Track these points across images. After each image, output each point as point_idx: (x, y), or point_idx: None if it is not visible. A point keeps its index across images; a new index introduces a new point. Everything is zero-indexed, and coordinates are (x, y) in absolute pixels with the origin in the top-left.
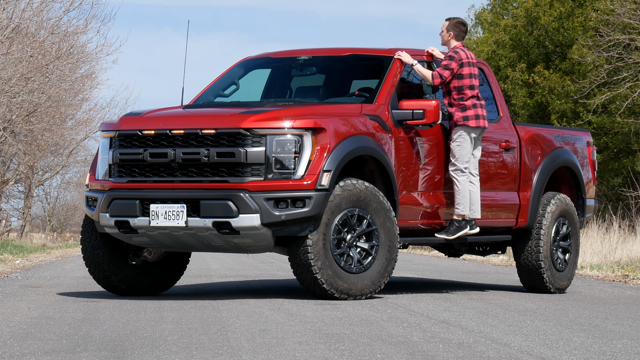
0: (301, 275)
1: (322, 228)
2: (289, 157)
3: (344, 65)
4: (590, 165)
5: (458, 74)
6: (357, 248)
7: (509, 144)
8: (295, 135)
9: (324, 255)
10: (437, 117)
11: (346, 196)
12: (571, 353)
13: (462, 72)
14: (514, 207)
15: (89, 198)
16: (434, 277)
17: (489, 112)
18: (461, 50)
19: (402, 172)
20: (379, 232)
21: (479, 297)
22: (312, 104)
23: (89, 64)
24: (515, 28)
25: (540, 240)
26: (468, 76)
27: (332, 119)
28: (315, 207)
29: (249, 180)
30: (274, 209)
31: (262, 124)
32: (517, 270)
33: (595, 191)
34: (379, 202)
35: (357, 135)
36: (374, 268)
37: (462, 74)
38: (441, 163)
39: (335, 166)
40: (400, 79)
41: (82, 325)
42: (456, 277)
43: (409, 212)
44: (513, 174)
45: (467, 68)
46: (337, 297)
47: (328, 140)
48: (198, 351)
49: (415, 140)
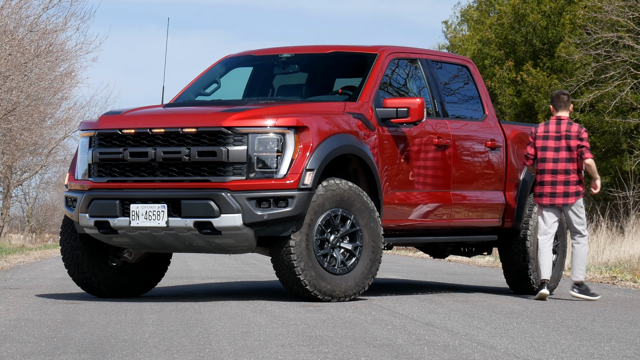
0: (284, 276)
1: (305, 228)
2: (271, 156)
3: (327, 63)
4: None
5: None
6: (341, 249)
7: (494, 143)
8: (278, 134)
9: (307, 256)
10: (422, 115)
11: (329, 196)
12: (558, 356)
13: (536, 145)
14: (499, 207)
15: (68, 198)
16: (419, 279)
17: (474, 110)
18: (543, 124)
19: (386, 172)
20: (363, 233)
21: (464, 298)
22: (295, 102)
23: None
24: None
25: (527, 240)
26: (539, 149)
27: (315, 117)
28: (298, 206)
29: (230, 179)
30: (256, 208)
31: (243, 123)
32: (504, 272)
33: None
34: (362, 202)
35: (341, 133)
36: (357, 269)
37: (536, 146)
38: (426, 162)
39: (318, 165)
40: (384, 77)
41: (61, 327)
42: (442, 278)
43: (394, 212)
44: (499, 174)
45: (540, 141)
46: (321, 298)
47: (311, 139)
48: (179, 354)
49: (399, 138)
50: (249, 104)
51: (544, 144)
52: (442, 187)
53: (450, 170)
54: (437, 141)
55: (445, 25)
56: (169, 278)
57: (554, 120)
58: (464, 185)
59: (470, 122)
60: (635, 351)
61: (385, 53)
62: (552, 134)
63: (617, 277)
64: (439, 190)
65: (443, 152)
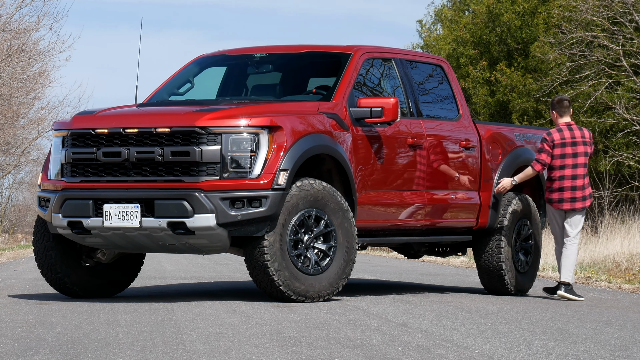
0: (257, 277)
1: (278, 229)
2: (244, 155)
3: (301, 62)
4: None
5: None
6: (315, 249)
7: (469, 143)
8: (251, 134)
9: (280, 257)
10: (396, 115)
11: (303, 196)
12: (533, 356)
13: (554, 153)
14: (474, 207)
15: (41, 198)
16: (393, 279)
17: (448, 110)
18: (557, 131)
19: (360, 171)
20: (337, 233)
21: (438, 299)
22: (269, 102)
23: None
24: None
25: (501, 241)
26: (558, 157)
27: (288, 117)
28: (272, 207)
29: (204, 179)
30: (230, 208)
31: (217, 122)
32: (478, 272)
33: None
34: (336, 202)
35: (315, 133)
36: (331, 269)
37: (553, 154)
38: (400, 162)
39: (292, 165)
40: (359, 76)
41: (34, 328)
42: (416, 279)
43: (368, 213)
44: (473, 174)
45: (559, 149)
46: (294, 299)
47: (285, 139)
48: (152, 354)
49: (373, 138)
50: (222, 104)
51: (562, 151)
52: (416, 187)
53: (425, 170)
54: (411, 141)
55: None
56: (142, 278)
57: (565, 127)
58: (439, 185)
59: (444, 122)
60: (610, 352)
61: (359, 53)
62: (569, 140)
63: (591, 278)
64: (413, 190)
65: (417, 152)
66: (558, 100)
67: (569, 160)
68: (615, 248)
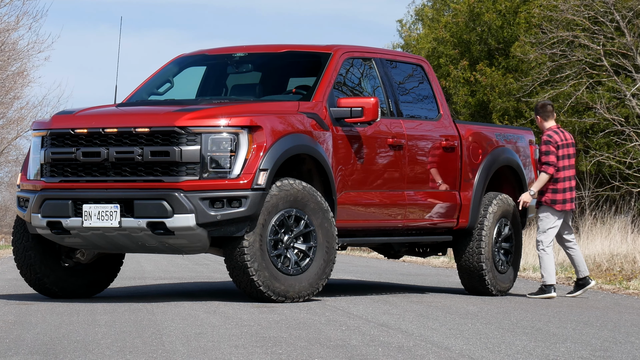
0: (237, 277)
1: (258, 229)
2: (224, 155)
3: (281, 62)
4: (533, 164)
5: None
6: (295, 249)
7: (449, 143)
8: (231, 134)
9: (260, 257)
10: (376, 115)
11: (283, 196)
12: (513, 357)
13: (558, 154)
14: (454, 207)
15: (20, 198)
16: (374, 280)
17: (428, 109)
18: (554, 133)
19: (340, 171)
20: (317, 233)
21: (419, 299)
22: (249, 101)
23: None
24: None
25: (482, 241)
26: (562, 158)
27: (268, 117)
28: (252, 207)
29: (183, 179)
30: (210, 208)
31: (197, 122)
32: (458, 272)
33: None
34: (316, 202)
35: (295, 133)
36: (311, 270)
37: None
38: (381, 162)
39: (272, 165)
40: (339, 76)
41: (13, 328)
42: (396, 279)
43: (348, 213)
44: (453, 174)
45: (564, 150)
46: (274, 299)
47: (264, 139)
48: (132, 355)
49: (354, 138)
50: (202, 104)
51: (566, 152)
52: (396, 187)
53: (405, 170)
54: (391, 141)
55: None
56: (122, 279)
57: (557, 129)
58: (419, 185)
59: (425, 122)
60: (591, 352)
61: (340, 52)
62: (565, 142)
63: (572, 278)
64: (394, 190)
65: (397, 151)
66: (542, 106)
67: (572, 161)
68: (596, 248)
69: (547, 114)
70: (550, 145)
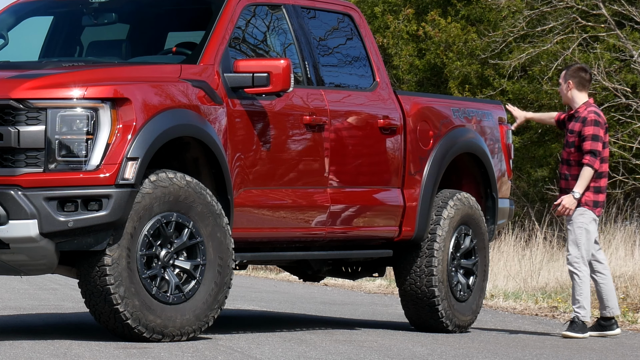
0: (96, 307)
1: (125, 240)
2: (78, 139)
3: (157, 10)
4: (504, 151)
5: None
6: (176, 269)
7: (388, 122)
8: (88, 109)
9: (128, 279)
10: (288, 83)
11: (159, 195)
12: None
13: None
14: (396, 210)
15: None
16: (285, 310)
17: (360, 76)
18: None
19: (239, 161)
20: (206, 246)
21: (347, 338)
22: (112, 65)
23: None
24: None
25: (434, 257)
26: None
27: (139, 86)
28: (116, 210)
29: (22, 172)
30: (58, 212)
31: (40, 94)
32: (401, 301)
33: (512, 188)
34: (205, 204)
35: (175, 108)
36: (198, 297)
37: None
38: (294, 148)
39: (145, 153)
40: (236, 30)
41: None
42: (315, 309)
43: (249, 218)
44: (394, 164)
45: (606, 136)
46: (147, 337)
47: (134, 116)
48: None
49: (257, 115)
50: (47, 68)
51: (607, 138)
52: (315, 183)
53: (327, 159)
54: (309, 119)
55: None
56: None
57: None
58: (347, 181)
59: (354, 93)
60: None
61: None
62: (607, 125)
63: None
64: (312, 187)
65: (317, 134)
66: (578, 69)
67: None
68: None
69: (584, 82)
70: (600, 129)
